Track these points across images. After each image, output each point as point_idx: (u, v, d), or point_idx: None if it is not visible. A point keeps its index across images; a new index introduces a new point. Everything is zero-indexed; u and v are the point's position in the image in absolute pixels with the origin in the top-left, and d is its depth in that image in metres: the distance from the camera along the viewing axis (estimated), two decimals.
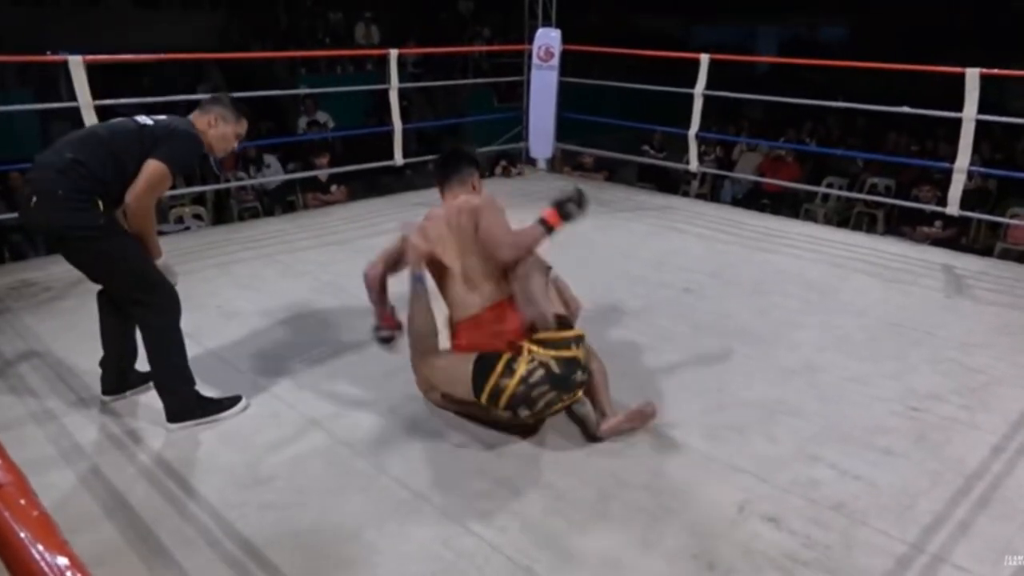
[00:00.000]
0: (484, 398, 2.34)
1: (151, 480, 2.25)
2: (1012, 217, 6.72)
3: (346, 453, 2.39)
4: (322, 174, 6.42)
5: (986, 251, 6.34)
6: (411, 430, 2.53)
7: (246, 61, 8.90)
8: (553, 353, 2.33)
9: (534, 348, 2.33)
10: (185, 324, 3.27)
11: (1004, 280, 4.06)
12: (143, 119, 2.52)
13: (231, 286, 3.79)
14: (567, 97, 6.24)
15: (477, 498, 2.18)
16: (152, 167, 2.40)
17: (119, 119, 2.58)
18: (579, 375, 2.37)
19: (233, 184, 6.93)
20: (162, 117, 2.57)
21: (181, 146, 2.50)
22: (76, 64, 3.86)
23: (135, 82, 8.96)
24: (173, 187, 7.08)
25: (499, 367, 2.31)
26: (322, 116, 8.23)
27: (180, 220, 6.29)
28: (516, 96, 6.86)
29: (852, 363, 3.03)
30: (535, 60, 5.97)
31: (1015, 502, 2.18)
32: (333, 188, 6.40)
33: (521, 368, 2.30)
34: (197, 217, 6.42)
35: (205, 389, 2.76)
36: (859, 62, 5.11)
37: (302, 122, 8.24)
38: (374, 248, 4.49)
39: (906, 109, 4.77)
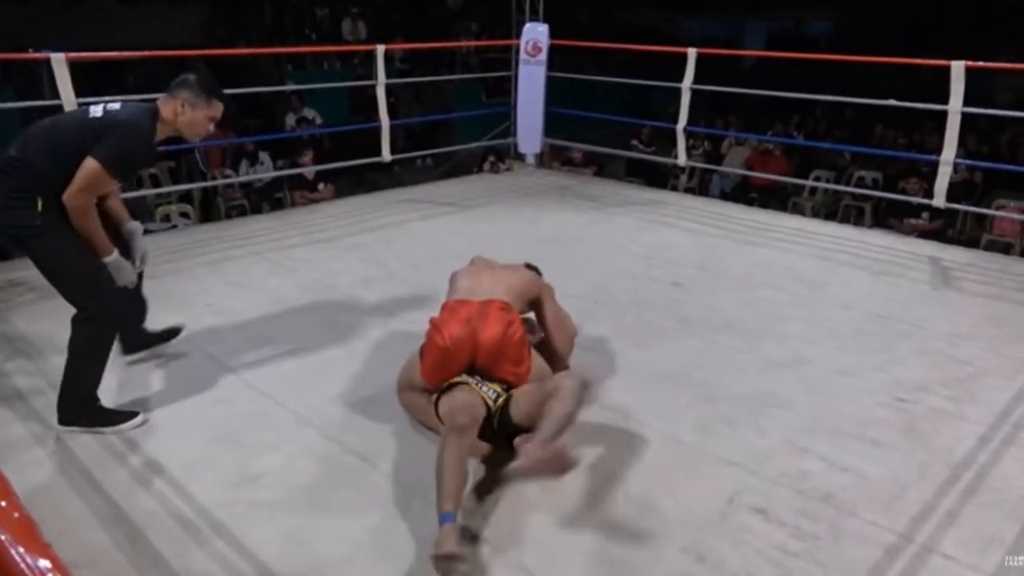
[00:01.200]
0: None
1: (140, 481, 2.24)
2: (998, 209, 6.78)
3: (336, 450, 2.39)
4: (309, 172, 6.38)
5: (972, 243, 6.39)
6: (401, 427, 2.53)
7: (232, 58, 8.82)
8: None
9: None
10: (174, 322, 3.27)
11: (990, 271, 4.10)
12: (95, 110, 2.40)
13: (220, 284, 3.77)
14: (556, 92, 6.24)
15: (469, 495, 2.18)
16: (87, 166, 2.28)
17: (70, 111, 2.46)
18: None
19: (220, 182, 6.89)
20: (116, 106, 2.43)
21: (120, 142, 2.33)
22: (59, 62, 3.82)
23: (120, 80, 8.89)
24: (157, 184, 6.99)
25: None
26: (309, 112, 8.18)
27: (167, 218, 6.24)
28: (504, 91, 6.85)
29: (840, 355, 3.05)
30: (522, 55, 5.96)
31: (1002, 491, 2.20)
32: (320, 186, 6.37)
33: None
34: (184, 215, 6.37)
35: (195, 388, 2.76)
36: (846, 55, 5.14)
37: (290, 119, 8.19)
38: (362, 245, 4.50)
39: (893, 102, 4.79)
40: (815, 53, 6.44)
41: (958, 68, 4.14)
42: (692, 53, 5.14)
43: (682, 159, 5.59)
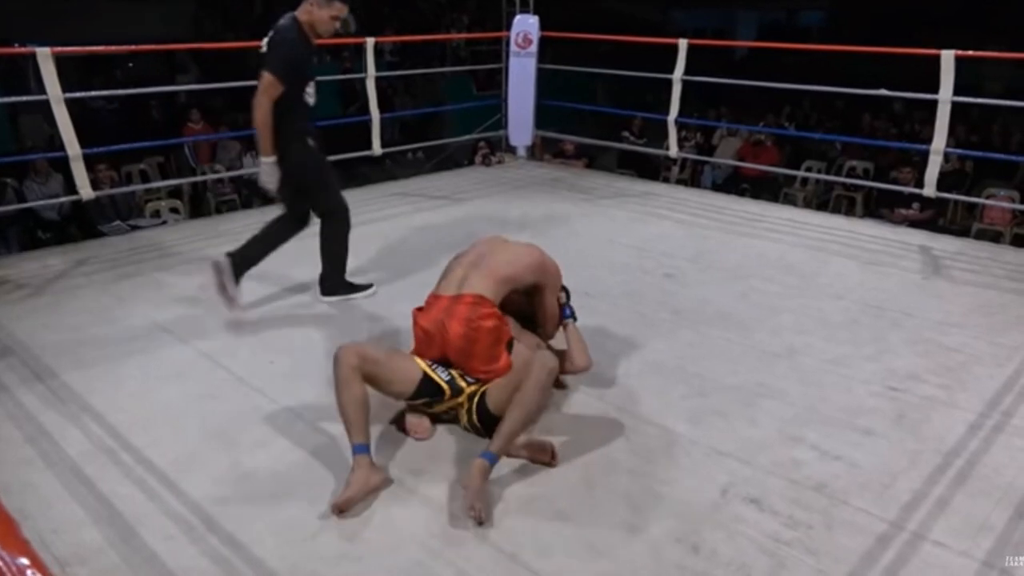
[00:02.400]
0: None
1: (133, 479, 2.23)
2: (988, 198, 6.82)
3: (329, 445, 2.38)
4: None
5: (963, 232, 6.43)
6: (389, 419, 2.52)
7: (222, 51, 8.77)
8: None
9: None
10: (164, 319, 3.27)
11: (980, 260, 4.11)
12: (264, 44, 3.05)
13: (210, 280, 3.74)
14: (549, 85, 6.22)
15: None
16: (263, 78, 2.95)
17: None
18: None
19: (210, 176, 6.85)
20: (271, 33, 3.02)
21: (277, 53, 2.98)
22: (44, 56, 3.79)
23: (108, 74, 8.83)
24: (147, 179, 6.94)
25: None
26: None
27: (157, 214, 6.21)
28: (495, 84, 6.82)
29: (832, 346, 3.06)
30: (513, 47, 5.93)
31: (992, 478, 2.22)
32: None
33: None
34: (174, 211, 6.34)
35: (187, 384, 2.75)
36: (836, 45, 5.13)
37: None
38: (353, 239, 4.47)
39: (883, 92, 4.80)
40: (806, 43, 6.43)
41: (947, 58, 4.14)
42: (683, 44, 5.14)
43: (673, 151, 5.58)
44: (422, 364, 2.38)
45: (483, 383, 2.39)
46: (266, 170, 3.08)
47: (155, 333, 3.16)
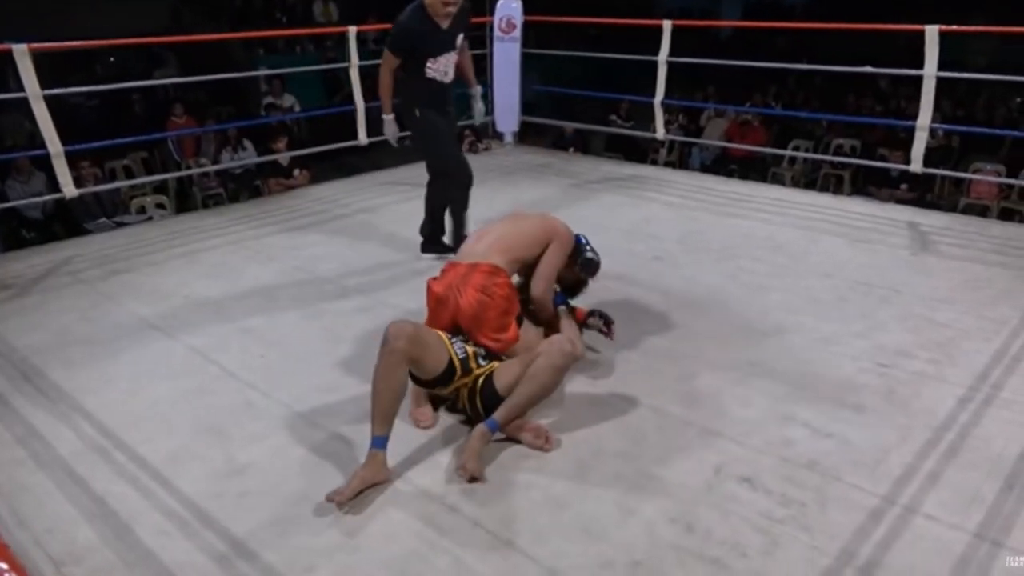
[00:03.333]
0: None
1: (126, 477, 2.22)
2: (974, 172, 6.84)
3: (322, 438, 2.38)
4: (283, 158, 6.29)
5: (951, 207, 6.45)
6: None
7: (202, 44, 8.67)
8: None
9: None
10: (153, 315, 3.25)
11: (967, 235, 4.13)
12: None
13: (199, 275, 3.72)
14: (535, 69, 6.19)
15: (456, 475, 2.18)
16: (384, 53, 3.48)
17: None
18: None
19: (195, 171, 6.80)
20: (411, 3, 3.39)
21: (393, 31, 3.44)
22: (21, 53, 3.73)
23: (88, 69, 8.72)
24: (131, 175, 6.90)
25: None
26: (288, 99, 8.06)
27: (142, 210, 6.15)
28: (480, 70, 6.77)
29: (822, 323, 3.07)
30: (496, 32, 5.89)
31: (982, 451, 2.24)
32: (296, 172, 6.28)
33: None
34: (160, 206, 6.29)
35: (178, 380, 2.74)
36: (821, 24, 5.13)
37: (265, 103, 8.08)
38: (343, 229, 4.47)
39: (869, 69, 4.80)
40: (792, 22, 6.43)
41: (932, 32, 4.14)
42: (667, 25, 5.11)
43: (660, 133, 5.57)
44: (447, 344, 2.34)
45: (492, 360, 2.41)
46: (385, 124, 3.67)
47: (144, 330, 3.14)
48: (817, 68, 5.25)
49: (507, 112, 6.13)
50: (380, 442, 2.13)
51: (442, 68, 3.52)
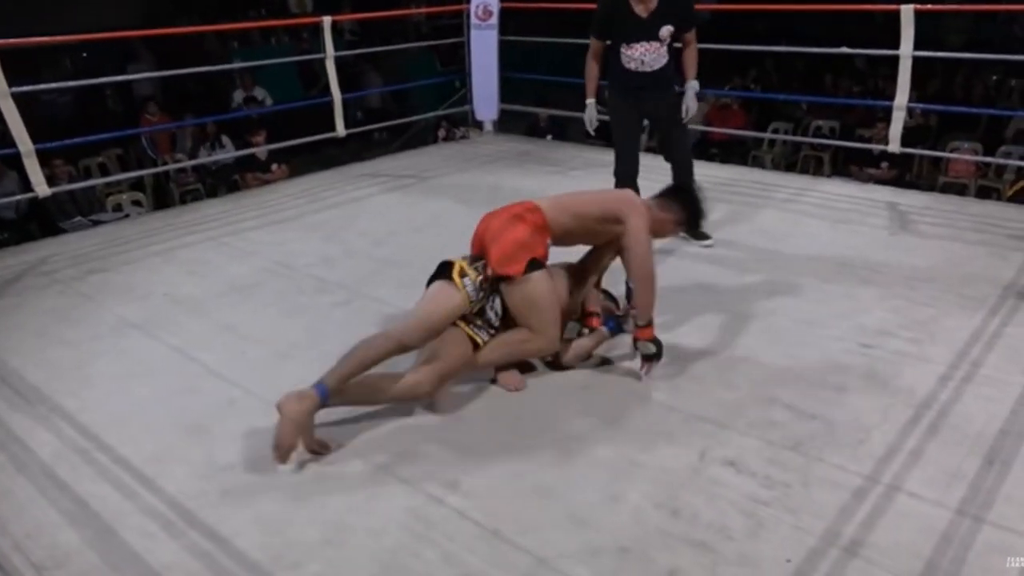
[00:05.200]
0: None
1: (108, 478, 2.19)
2: (952, 151, 6.89)
3: None
4: (261, 153, 6.22)
5: (930, 186, 6.50)
6: (371, 408, 2.50)
7: (176, 38, 8.54)
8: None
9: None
10: (132, 314, 3.21)
11: (946, 213, 4.17)
12: None
13: (177, 272, 3.68)
14: (514, 57, 6.15)
15: (442, 467, 2.18)
16: None
17: None
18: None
19: (171, 167, 6.71)
20: None
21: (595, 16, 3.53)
22: None
23: (57, 65, 8.56)
24: (106, 173, 6.78)
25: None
26: (259, 93, 7.97)
27: (119, 208, 6.07)
28: (459, 59, 6.73)
29: (805, 305, 3.09)
30: (473, 20, 5.85)
31: (962, 428, 2.26)
32: (274, 167, 6.21)
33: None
34: (136, 204, 6.20)
35: (160, 380, 2.70)
36: (797, 5, 5.13)
37: (237, 96, 7.97)
38: (322, 223, 4.43)
39: (845, 50, 4.81)
40: (768, 4, 6.45)
41: (907, 12, 4.15)
42: None
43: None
44: (463, 328, 2.50)
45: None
46: (587, 108, 3.69)
47: (123, 329, 3.10)
48: (794, 49, 5.26)
49: (486, 100, 6.10)
50: (323, 389, 2.24)
51: (638, 56, 3.46)
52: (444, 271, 2.54)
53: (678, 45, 3.59)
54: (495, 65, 5.94)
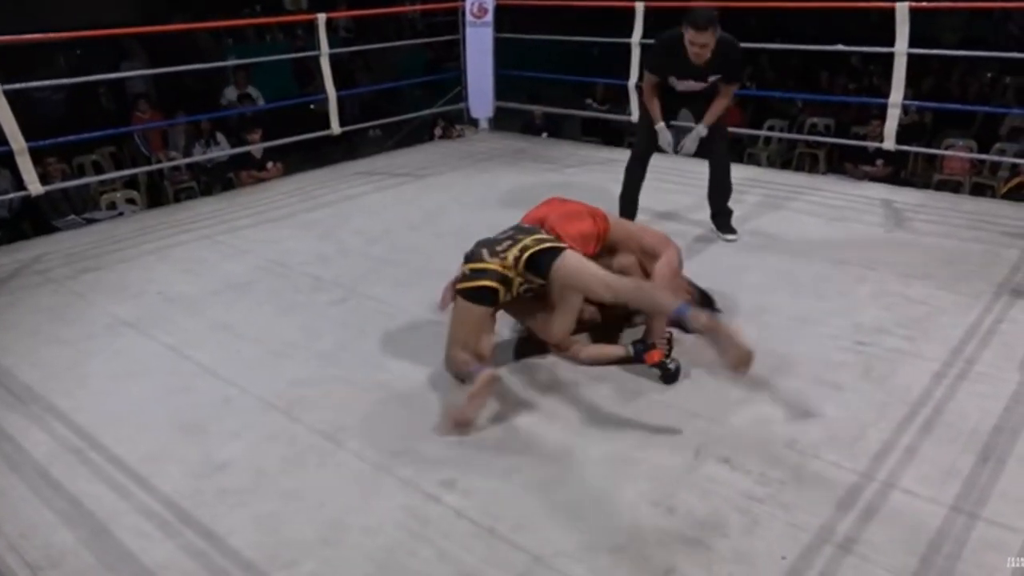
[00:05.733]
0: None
1: (102, 477, 2.19)
2: (947, 148, 6.90)
3: (302, 431, 2.36)
4: (256, 151, 6.19)
5: (925, 184, 6.51)
6: (365, 404, 2.50)
7: (170, 35, 8.50)
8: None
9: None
10: (126, 312, 3.20)
11: (940, 211, 4.17)
12: None
13: (171, 271, 3.67)
14: (508, 54, 6.15)
15: (437, 465, 2.18)
16: None
17: None
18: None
19: (165, 164, 6.68)
20: None
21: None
22: None
23: (51, 62, 8.50)
24: (100, 171, 6.75)
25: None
26: (252, 92, 7.93)
27: (112, 206, 6.04)
28: (454, 56, 6.72)
29: (800, 302, 3.09)
30: (468, 17, 5.84)
31: (957, 425, 2.27)
32: (269, 165, 6.18)
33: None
34: (130, 202, 6.17)
35: (154, 379, 2.70)
36: (794, 3, 5.14)
37: (229, 94, 7.92)
38: (317, 221, 4.43)
39: (840, 47, 4.81)
40: (764, 1, 6.46)
41: (902, 9, 4.16)
42: (640, 7, 5.09)
43: (636, 116, 5.54)
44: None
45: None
46: (660, 131, 3.79)
47: (117, 328, 3.09)
48: (790, 47, 5.26)
49: (481, 98, 6.09)
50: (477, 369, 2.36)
51: (685, 86, 3.66)
52: (486, 296, 2.51)
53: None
54: (490, 62, 5.94)
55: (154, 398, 2.58)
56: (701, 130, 3.69)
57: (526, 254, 2.47)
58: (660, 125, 3.78)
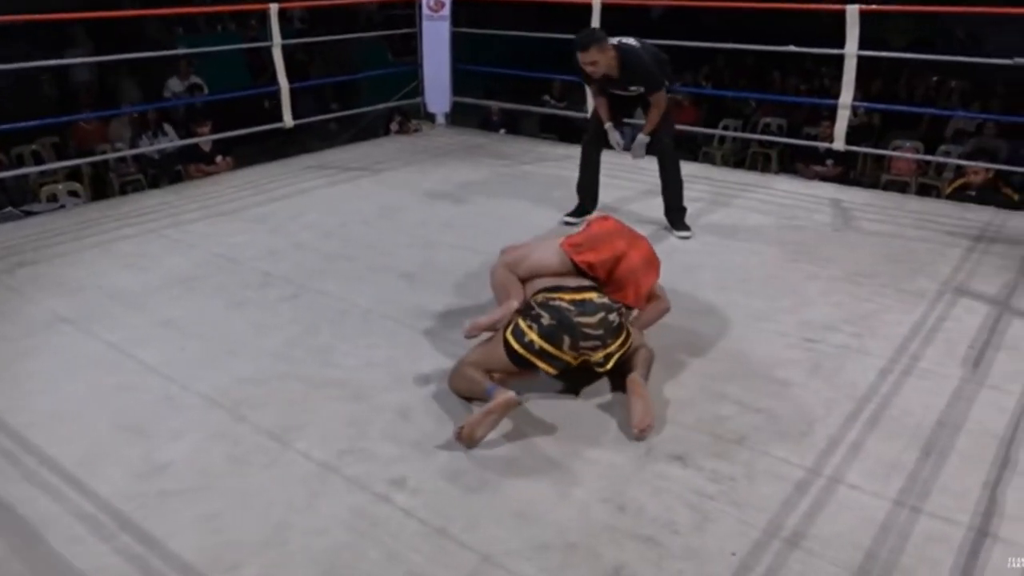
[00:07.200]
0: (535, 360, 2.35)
1: (35, 481, 2.09)
2: (895, 149, 7.08)
3: (248, 430, 2.30)
4: (205, 143, 6.03)
5: (873, 184, 6.66)
6: (311, 401, 2.45)
7: (118, 21, 8.23)
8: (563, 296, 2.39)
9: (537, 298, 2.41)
10: (66, 308, 3.09)
11: (888, 210, 4.27)
12: None
13: (114, 266, 3.55)
14: (467, 49, 6.10)
15: (387, 464, 2.14)
16: None
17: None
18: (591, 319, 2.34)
19: (111, 156, 6.48)
20: None
21: None
22: None
23: None
24: (41, 162, 6.51)
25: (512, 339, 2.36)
26: (198, 81, 7.74)
27: (53, 198, 5.82)
28: (411, 50, 6.65)
29: (752, 300, 3.12)
30: (425, 11, 5.78)
31: (901, 420, 2.31)
32: (218, 159, 6.02)
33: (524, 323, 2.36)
34: (73, 194, 5.95)
35: (94, 377, 2.60)
36: (746, 2, 5.20)
37: (174, 85, 7.72)
38: (268, 216, 4.33)
39: (792, 48, 4.88)
40: (720, 1, 6.53)
41: (852, 12, 4.23)
42: (596, 3, 5.09)
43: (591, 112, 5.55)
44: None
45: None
46: (609, 135, 3.90)
47: (55, 325, 2.98)
48: (741, 47, 5.32)
49: (438, 93, 6.03)
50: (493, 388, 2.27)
51: (613, 92, 3.79)
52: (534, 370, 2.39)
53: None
54: (447, 57, 5.88)
55: (93, 397, 2.49)
56: (643, 138, 3.79)
57: (611, 362, 2.38)
58: (608, 125, 3.86)
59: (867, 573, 1.75)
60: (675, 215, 3.93)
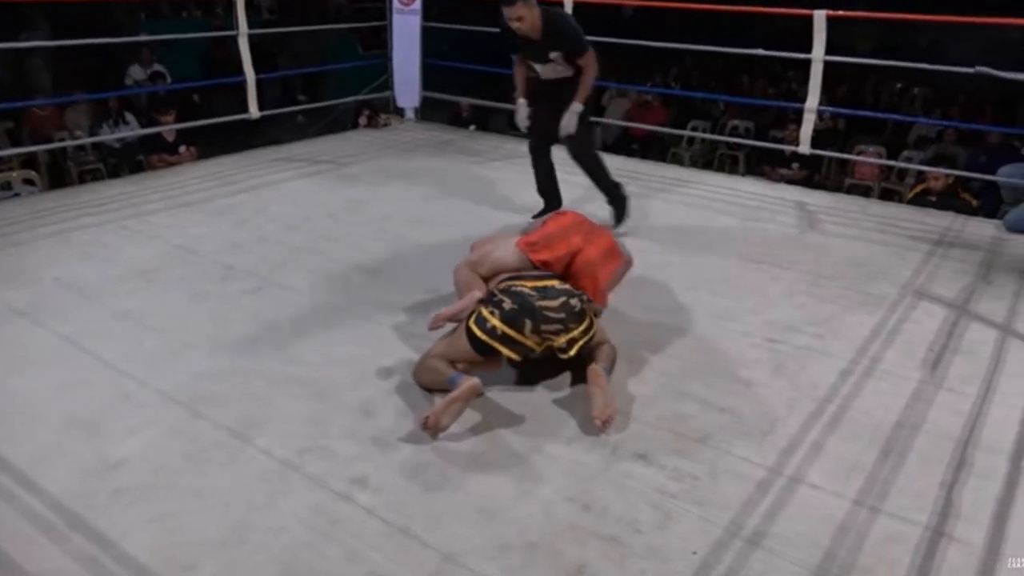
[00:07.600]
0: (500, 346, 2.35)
1: None
2: (858, 154, 7.20)
3: (206, 427, 2.25)
4: (169, 133, 5.89)
5: (836, 187, 6.76)
6: (273, 398, 2.40)
7: (80, 6, 8.00)
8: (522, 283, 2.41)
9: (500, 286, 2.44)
10: (19, 300, 2.99)
11: (850, 214, 4.33)
12: None
13: (70, 257, 3.45)
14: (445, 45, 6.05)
15: (349, 462, 2.11)
16: None
17: None
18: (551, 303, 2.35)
19: (69, 143, 6.30)
20: None
21: None
22: None
23: None
24: None
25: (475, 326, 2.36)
26: (160, 69, 7.57)
27: (7, 186, 5.63)
28: (381, 43, 6.58)
29: (717, 300, 3.15)
30: (396, 4, 5.73)
31: (861, 421, 2.34)
32: (181, 149, 5.89)
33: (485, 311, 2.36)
34: (28, 182, 5.77)
35: (46, 372, 2.52)
36: (715, 5, 5.23)
37: (135, 73, 7.54)
38: (232, 208, 4.25)
39: (760, 51, 4.92)
40: (690, 3, 6.56)
41: (819, 17, 4.29)
42: (568, 1, 5.09)
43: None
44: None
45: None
46: (517, 106, 3.85)
47: (7, 316, 2.88)
48: (709, 48, 5.35)
49: (407, 87, 5.98)
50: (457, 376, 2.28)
51: (538, 68, 3.69)
52: (498, 357, 2.40)
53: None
54: (417, 52, 5.83)
55: (44, 392, 2.41)
56: (576, 107, 3.65)
57: (574, 348, 2.37)
58: (521, 101, 3.81)
59: (826, 572, 1.77)
60: (614, 209, 3.93)
